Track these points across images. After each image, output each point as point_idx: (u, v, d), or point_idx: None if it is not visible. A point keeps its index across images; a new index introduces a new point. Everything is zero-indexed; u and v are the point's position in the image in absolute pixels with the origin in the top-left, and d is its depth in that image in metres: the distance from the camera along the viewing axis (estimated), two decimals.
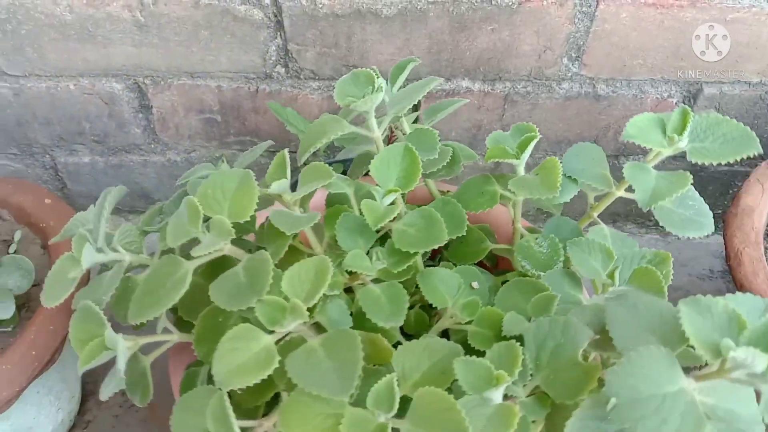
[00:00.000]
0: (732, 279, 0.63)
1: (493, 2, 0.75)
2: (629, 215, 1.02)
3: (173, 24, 0.77)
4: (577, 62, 0.81)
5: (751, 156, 0.50)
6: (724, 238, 0.66)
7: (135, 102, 0.85)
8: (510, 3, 0.75)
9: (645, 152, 0.77)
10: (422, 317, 0.52)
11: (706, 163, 0.51)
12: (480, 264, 0.61)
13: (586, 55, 0.81)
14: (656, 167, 0.54)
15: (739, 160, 0.51)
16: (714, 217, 0.56)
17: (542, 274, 0.51)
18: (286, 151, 0.47)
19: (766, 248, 0.66)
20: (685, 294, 0.35)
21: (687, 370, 0.35)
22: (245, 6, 0.76)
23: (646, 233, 1.04)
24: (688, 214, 0.56)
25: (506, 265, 0.63)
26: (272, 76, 0.82)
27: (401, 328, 0.52)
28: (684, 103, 0.86)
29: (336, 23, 0.77)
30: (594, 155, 0.56)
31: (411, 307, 0.50)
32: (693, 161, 0.52)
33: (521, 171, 0.54)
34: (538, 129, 0.54)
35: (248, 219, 0.40)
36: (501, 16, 0.77)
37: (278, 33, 0.78)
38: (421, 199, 0.63)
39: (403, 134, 0.58)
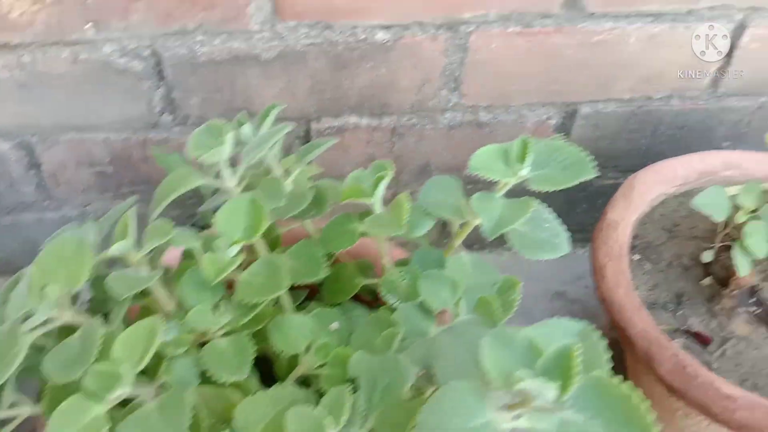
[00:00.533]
0: (597, 293, 0.66)
1: (368, 41, 0.78)
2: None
3: (54, 81, 0.78)
4: (456, 92, 0.84)
5: (586, 180, 0.53)
6: (590, 254, 0.69)
7: (24, 160, 0.85)
8: (385, 41, 0.78)
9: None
10: (292, 363, 0.53)
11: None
12: (361, 299, 0.63)
13: (464, 85, 0.84)
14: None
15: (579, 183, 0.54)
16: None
17: None
18: (129, 212, 0.48)
19: (633, 261, 0.70)
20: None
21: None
22: (125, 58, 0.77)
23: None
24: (543, 237, 0.59)
25: None
26: (159, 124, 0.83)
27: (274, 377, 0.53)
28: (563, 123, 0.90)
29: (217, 69, 0.79)
30: (450, 187, 0.58)
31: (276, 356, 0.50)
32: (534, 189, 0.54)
33: (377, 208, 0.56)
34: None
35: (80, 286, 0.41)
36: (377, 54, 0.79)
37: (161, 82, 0.79)
38: (300, 239, 0.64)
39: None
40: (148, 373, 0.43)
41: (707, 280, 0.66)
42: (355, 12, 0.75)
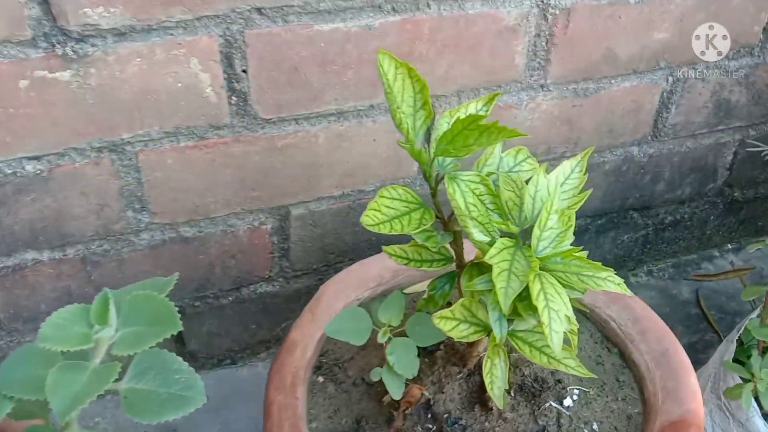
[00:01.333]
0: None
1: (20, 174, 0.70)
2: None
3: None
4: (145, 212, 0.78)
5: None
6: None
7: None
8: (38, 171, 0.70)
9: None
10: None
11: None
12: None
13: (152, 204, 0.77)
14: None
15: None
16: None
17: None
18: None
19: (316, 384, 0.64)
20: None
21: None
22: None
23: None
24: (171, 392, 0.52)
25: None
26: None
27: None
28: (281, 226, 0.85)
29: None
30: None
31: None
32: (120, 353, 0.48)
33: None
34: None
35: None
36: (35, 185, 0.71)
37: None
38: None
39: None
40: None
41: (388, 397, 0.61)
42: None
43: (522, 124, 0.86)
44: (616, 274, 0.52)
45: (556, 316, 0.47)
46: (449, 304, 0.55)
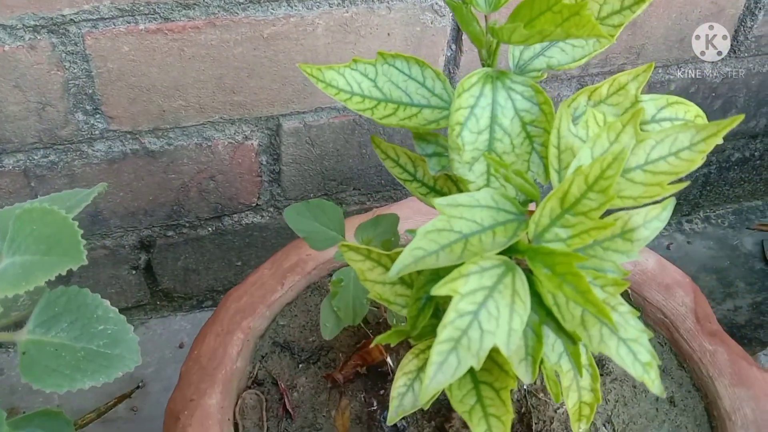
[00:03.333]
0: None
1: None
2: None
3: None
4: (98, 115, 0.62)
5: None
6: None
7: None
8: None
9: None
10: None
11: None
12: None
13: (106, 105, 0.62)
14: None
15: None
16: None
17: None
18: None
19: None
20: None
21: None
22: None
23: None
24: (94, 347, 0.38)
25: None
26: None
27: None
28: (270, 143, 0.70)
29: None
30: None
31: None
32: None
33: None
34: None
35: None
36: None
37: None
38: None
39: None
40: None
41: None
42: None
43: None
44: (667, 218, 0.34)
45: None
46: None
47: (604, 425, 0.49)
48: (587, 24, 0.29)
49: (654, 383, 0.32)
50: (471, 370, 0.29)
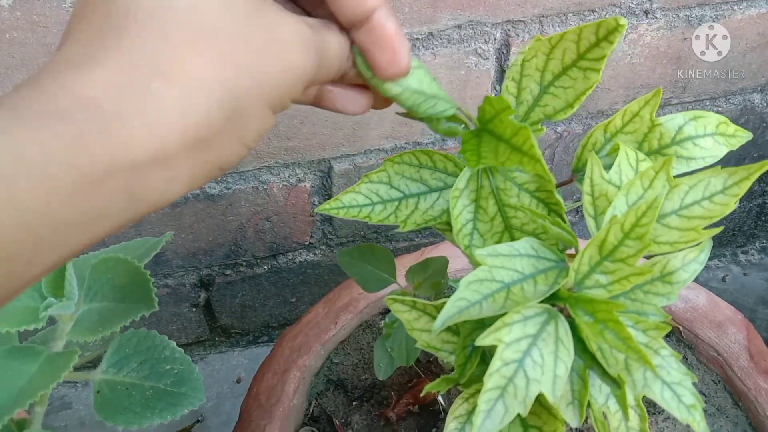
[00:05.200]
0: None
1: None
2: None
3: None
4: None
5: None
6: None
7: None
8: None
9: None
10: None
11: None
12: None
13: None
14: None
15: None
16: None
17: None
18: None
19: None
20: None
21: None
22: None
23: None
24: (161, 386, 0.41)
25: None
26: None
27: None
28: (322, 185, 0.73)
29: None
30: None
31: None
32: None
33: None
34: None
35: None
36: None
37: None
38: None
39: None
40: None
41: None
42: None
43: (620, 61, 0.70)
44: (720, 250, 0.35)
45: None
46: None
47: None
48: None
49: (699, 425, 0.33)
50: (519, 415, 0.30)
